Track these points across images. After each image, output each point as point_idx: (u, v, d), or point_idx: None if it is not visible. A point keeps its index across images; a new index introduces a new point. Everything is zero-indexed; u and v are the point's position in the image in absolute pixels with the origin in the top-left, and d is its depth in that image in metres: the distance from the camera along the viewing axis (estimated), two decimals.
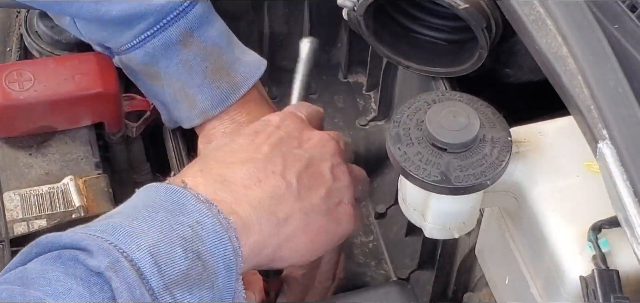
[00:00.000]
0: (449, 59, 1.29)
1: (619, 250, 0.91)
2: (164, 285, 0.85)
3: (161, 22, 1.16)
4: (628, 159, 0.84)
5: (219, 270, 0.90)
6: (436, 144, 0.97)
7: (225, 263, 0.91)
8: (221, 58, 1.21)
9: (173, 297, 0.85)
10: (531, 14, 0.97)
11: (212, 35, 1.21)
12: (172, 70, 1.19)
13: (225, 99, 1.21)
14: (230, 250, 0.92)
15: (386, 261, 1.43)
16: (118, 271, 0.83)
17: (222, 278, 0.91)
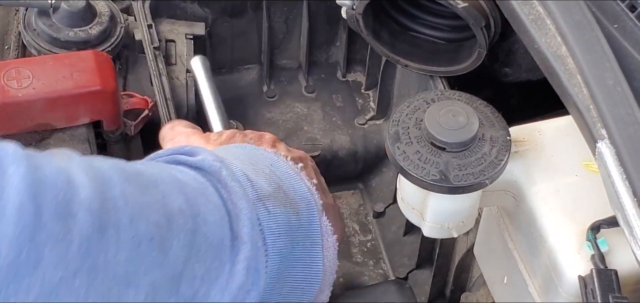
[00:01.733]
0: (448, 58, 1.29)
1: (618, 250, 0.91)
2: (257, 197, 0.88)
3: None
4: (627, 158, 0.84)
5: (299, 203, 0.94)
6: (435, 143, 0.97)
7: (304, 199, 0.95)
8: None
9: (266, 208, 0.88)
10: (530, 13, 0.97)
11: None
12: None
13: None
14: (305, 189, 0.96)
15: (384, 260, 1.43)
16: (223, 166, 0.88)
17: (304, 212, 0.94)
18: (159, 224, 0.77)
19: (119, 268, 0.73)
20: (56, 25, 1.37)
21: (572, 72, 0.91)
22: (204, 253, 0.80)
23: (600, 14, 0.96)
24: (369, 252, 1.43)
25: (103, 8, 1.41)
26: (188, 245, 0.79)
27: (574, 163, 1.00)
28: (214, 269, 0.81)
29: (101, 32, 1.38)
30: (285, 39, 1.58)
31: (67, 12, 1.37)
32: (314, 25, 1.56)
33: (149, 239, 0.75)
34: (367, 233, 1.46)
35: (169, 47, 1.46)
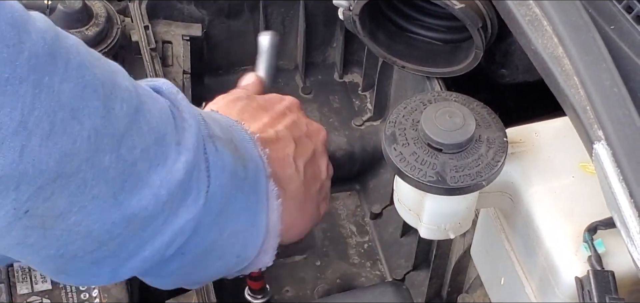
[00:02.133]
0: (445, 59, 1.29)
1: (615, 251, 0.91)
2: (208, 134, 0.93)
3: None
4: (623, 160, 0.84)
5: (248, 161, 0.97)
6: (432, 145, 0.97)
7: (253, 159, 0.98)
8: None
9: (215, 145, 0.92)
10: (527, 14, 0.97)
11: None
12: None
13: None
14: (256, 154, 0.99)
15: (381, 261, 1.43)
16: (180, 94, 0.93)
17: (252, 169, 0.97)
18: (104, 84, 0.81)
19: (64, 96, 0.77)
20: None
21: (569, 73, 0.91)
22: (145, 133, 0.84)
23: (597, 15, 0.96)
24: (366, 253, 1.43)
25: (99, 9, 1.41)
26: (130, 117, 0.83)
27: (570, 164, 1.00)
28: (154, 153, 0.85)
29: (98, 33, 1.38)
30: (282, 40, 1.58)
31: (63, 13, 1.37)
32: (310, 26, 1.56)
33: (94, 89, 0.80)
34: (364, 235, 1.46)
35: (165, 48, 1.46)
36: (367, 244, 1.45)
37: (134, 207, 0.84)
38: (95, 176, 0.81)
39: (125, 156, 0.82)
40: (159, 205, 0.86)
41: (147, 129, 0.85)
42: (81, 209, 0.81)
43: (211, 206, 0.92)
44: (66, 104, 0.77)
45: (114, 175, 0.82)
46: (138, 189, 0.84)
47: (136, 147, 0.83)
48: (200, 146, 0.91)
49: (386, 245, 1.43)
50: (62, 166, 0.78)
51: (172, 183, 0.86)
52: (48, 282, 1.11)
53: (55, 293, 1.10)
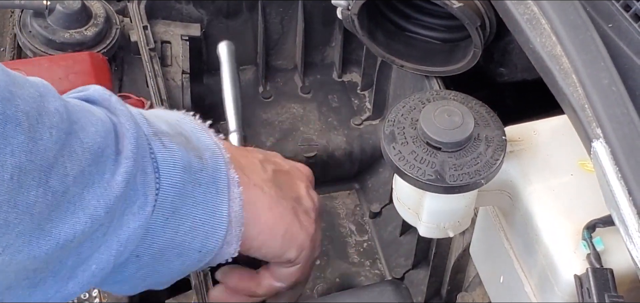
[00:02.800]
0: (443, 58, 1.29)
1: (613, 249, 0.91)
2: (153, 132, 0.90)
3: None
4: (622, 157, 0.84)
5: (204, 151, 0.95)
6: (431, 143, 0.97)
7: (209, 148, 0.96)
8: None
9: (162, 142, 0.90)
10: (525, 13, 0.97)
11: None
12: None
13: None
14: (211, 141, 0.97)
15: (381, 260, 1.43)
16: (114, 97, 0.90)
17: (208, 158, 0.95)
18: (28, 114, 0.77)
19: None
20: (51, 27, 1.37)
21: (567, 71, 0.91)
22: (79, 156, 0.81)
23: (595, 14, 0.96)
24: (365, 252, 1.43)
25: (98, 9, 1.41)
26: (60, 143, 0.79)
27: (569, 162, 1.00)
28: (90, 174, 0.82)
29: (97, 33, 1.38)
30: (281, 40, 1.58)
31: (63, 14, 1.37)
32: (309, 26, 1.56)
33: (16, 124, 0.75)
34: (363, 234, 1.46)
35: (164, 48, 1.46)
36: (367, 243, 1.45)
37: (66, 233, 0.80)
38: (19, 215, 0.76)
39: (54, 187, 0.78)
40: (95, 223, 0.82)
41: (81, 151, 0.81)
42: (6, 248, 0.77)
43: (163, 206, 0.89)
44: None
45: (41, 209, 0.78)
46: (70, 215, 0.80)
47: (68, 174, 0.80)
48: (142, 149, 0.88)
49: (385, 243, 1.43)
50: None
51: (110, 198, 0.83)
52: None
53: None
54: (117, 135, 0.86)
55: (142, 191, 0.87)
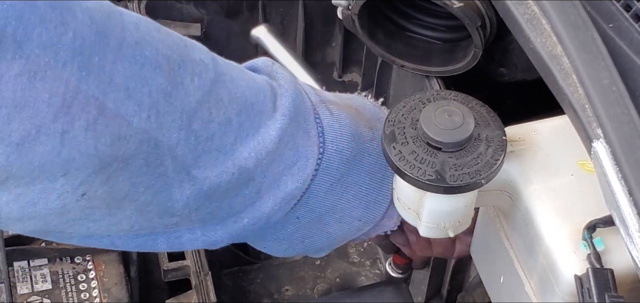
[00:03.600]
0: (444, 58, 1.29)
1: (614, 249, 0.91)
2: (320, 100, 0.92)
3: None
4: (622, 158, 0.84)
5: (375, 122, 1.00)
6: (431, 143, 0.97)
7: (382, 121, 0.98)
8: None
9: (329, 109, 0.91)
10: (526, 13, 0.97)
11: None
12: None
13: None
14: (383, 115, 1.02)
15: (381, 260, 1.43)
16: (279, 75, 0.92)
17: (380, 129, 0.97)
18: (170, 58, 0.77)
19: (116, 76, 0.73)
20: None
21: (568, 71, 0.91)
22: (225, 104, 0.81)
23: (596, 14, 0.96)
24: (366, 252, 1.44)
25: None
26: (204, 90, 0.79)
27: (569, 162, 1.00)
28: (240, 125, 0.82)
29: None
30: (281, 40, 1.58)
31: None
32: (309, 26, 1.56)
33: (155, 66, 0.75)
34: None
35: None
36: (367, 243, 1.45)
37: (211, 180, 0.81)
38: (160, 156, 0.77)
39: (198, 131, 0.79)
40: (244, 176, 0.82)
41: (228, 100, 0.81)
42: (147, 189, 0.78)
43: (328, 172, 0.90)
44: (119, 85, 0.73)
45: (185, 152, 0.78)
46: (218, 163, 0.81)
47: (213, 120, 0.80)
48: (304, 112, 0.88)
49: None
50: (116, 150, 0.74)
51: (261, 152, 0.84)
52: (48, 282, 1.11)
53: (55, 293, 1.10)
54: (274, 94, 0.87)
55: (304, 153, 0.88)
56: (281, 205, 0.88)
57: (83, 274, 1.12)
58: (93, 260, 1.12)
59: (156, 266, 1.23)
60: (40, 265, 1.12)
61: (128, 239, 0.84)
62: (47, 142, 0.71)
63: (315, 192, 0.90)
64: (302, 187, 0.88)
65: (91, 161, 0.73)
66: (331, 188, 0.91)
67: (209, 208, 0.83)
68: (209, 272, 1.14)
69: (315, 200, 0.91)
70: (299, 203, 0.90)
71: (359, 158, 0.93)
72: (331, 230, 0.95)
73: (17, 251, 1.11)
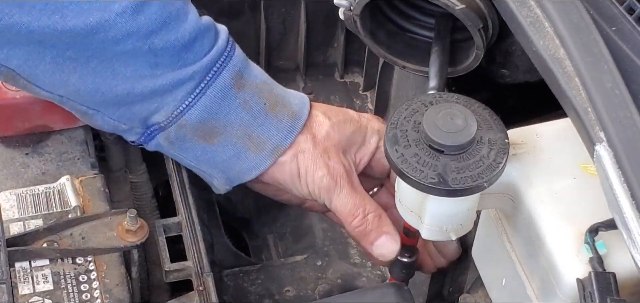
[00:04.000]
0: None
1: (616, 253, 0.91)
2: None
3: (211, 70, 1.12)
4: (625, 161, 0.84)
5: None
6: (433, 146, 0.97)
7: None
8: (273, 91, 1.18)
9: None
10: (528, 15, 0.97)
11: (257, 73, 1.18)
12: (233, 117, 1.14)
13: (291, 131, 1.17)
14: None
15: None
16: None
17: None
18: None
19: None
20: None
21: (570, 74, 0.91)
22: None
23: (599, 17, 0.96)
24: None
25: None
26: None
27: (572, 165, 1.00)
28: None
29: None
30: (283, 40, 1.58)
31: None
32: (311, 26, 1.56)
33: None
34: None
35: None
36: None
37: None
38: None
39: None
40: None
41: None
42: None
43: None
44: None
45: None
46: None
47: None
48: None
49: None
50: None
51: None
52: (49, 282, 1.11)
53: (56, 293, 1.10)
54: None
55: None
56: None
57: (84, 275, 1.11)
58: (94, 260, 1.12)
59: (158, 267, 1.22)
60: (42, 265, 1.12)
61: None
62: None
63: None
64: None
65: None
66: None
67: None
68: (210, 273, 1.13)
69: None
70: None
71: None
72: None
73: (18, 252, 1.11)
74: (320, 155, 1.15)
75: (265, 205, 1.48)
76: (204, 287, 1.13)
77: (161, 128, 1.12)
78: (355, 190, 1.15)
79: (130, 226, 1.14)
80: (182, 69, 1.09)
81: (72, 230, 1.15)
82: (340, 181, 1.14)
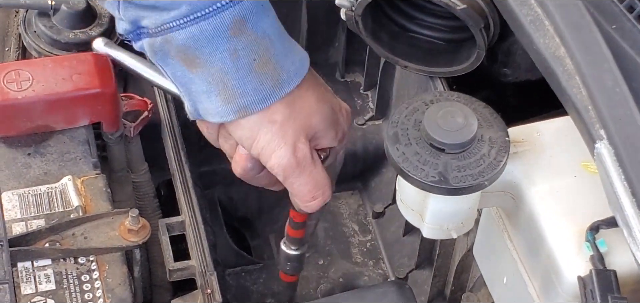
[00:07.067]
0: (447, 59, 1.29)
1: (617, 250, 0.91)
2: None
3: (213, 6, 1.07)
4: (626, 159, 0.84)
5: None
6: (434, 145, 0.97)
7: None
8: (270, 50, 1.11)
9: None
10: (529, 14, 0.98)
11: (265, 26, 1.12)
12: (216, 59, 1.09)
13: (267, 98, 1.11)
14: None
15: (384, 260, 1.43)
16: None
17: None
18: None
19: None
20: (56, 27, 1.37)
21: (571, 73, 0.91)
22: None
23: (599, 15, 0.96)
24: (369, 252, 1.44)
25: (103, 9, 1.41)
26: None
27: (572, 163, 1.00)
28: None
29: (101, 33, 1.38)
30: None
31: (67, 14, 1.38)
32: (312, 26, 1.56)
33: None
34: (366, 234, 1.46)
35: None
36: (370, 243, 1.45)
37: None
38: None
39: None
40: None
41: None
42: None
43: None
44: None
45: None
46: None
47: None
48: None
49: (389, 243, 1.43)
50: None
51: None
52: (52, 282, 1.11)
53: (59, 293, 1.10)
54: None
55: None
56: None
57: (87, 274, 1.12)
58: (97, 260, 1.13)
59: (160, 266, 1.23)
60: (44, 265, 1.12)
61: None
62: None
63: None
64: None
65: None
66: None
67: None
68: (214, 272, 1.14)
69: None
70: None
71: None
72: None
73: (20, 252, 1.11)
74: (290, 133, 1.11)
75: (267, 204, 1.48)
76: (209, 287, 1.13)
77: (148, 34, 1.09)
78: (316, 168, 1.11)
79: (132, 226, 1.14)
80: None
81: (74, 229, 1.15)
82: (303, 162, 1.10)
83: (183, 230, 1.20)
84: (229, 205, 1.51)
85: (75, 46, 1.36)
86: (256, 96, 1.10)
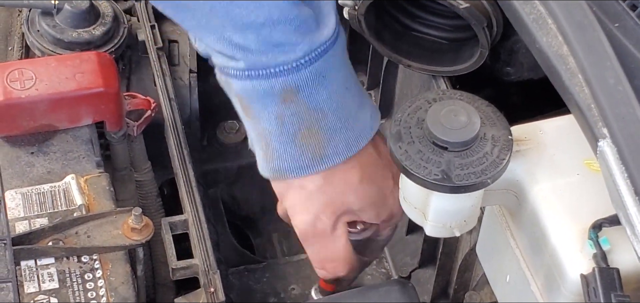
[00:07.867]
0: (450, 58, 1.29)
1: (620, 248, 0.91)
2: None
3: (271, 68, 1.05)
4: (628, 157, 0.84)
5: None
6: (437, 143, 0.97)
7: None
8: (319, 123, 1.09)
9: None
10: (532, 13, 0.98)
11: (320, 99, 1.08)
12: (264, 116, 1.08)
13: (303, 168, 1.10)
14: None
15: (387, 259, 1.43)
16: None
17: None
18: None
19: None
20: (60, 26, 1.38)
21: (574, 71, 0.91)
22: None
23: (602, 13, 0.96)
24: None
25: (106, 9, 1.41)
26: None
27: (575, 161, 1.00)
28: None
29: (104, 33, 1.39)
30: None
31: (71, 13, 1.38)
32: None
33: None
34: None
35: (172, 47, 1.47)
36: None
37: None
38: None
39: None
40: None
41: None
42: None
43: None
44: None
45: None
46: None
47: None
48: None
49: (391, 242, 1.43)
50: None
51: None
52: (55, 281, 1.12)
53: (62, 292, 1.11)
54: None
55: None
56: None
57: (90, 273, 1.12)
58: (100, 259, 1.13)
59: (163, 264, 1.23)
60: (47, 264, 1.12)
61: None
62: None
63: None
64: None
65: None
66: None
67: None
68: (217, 271, 1.14)
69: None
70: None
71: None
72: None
73: (24, 251, 1.11)
74: (316, 204, 1.11)
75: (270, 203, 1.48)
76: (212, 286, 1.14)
77: (215, 66, 1.09)
78: (335, 242, 1.13)
79: (136, 225, 1.14)
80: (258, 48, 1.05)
81: (77, 228, 1.15)
82: (320, 234, 1.11)
83: (186, 228, 1.21)
84: (232, 204, 1.52)
85: (78, 45, 1.37)
86: (293, 163, 1.09)
